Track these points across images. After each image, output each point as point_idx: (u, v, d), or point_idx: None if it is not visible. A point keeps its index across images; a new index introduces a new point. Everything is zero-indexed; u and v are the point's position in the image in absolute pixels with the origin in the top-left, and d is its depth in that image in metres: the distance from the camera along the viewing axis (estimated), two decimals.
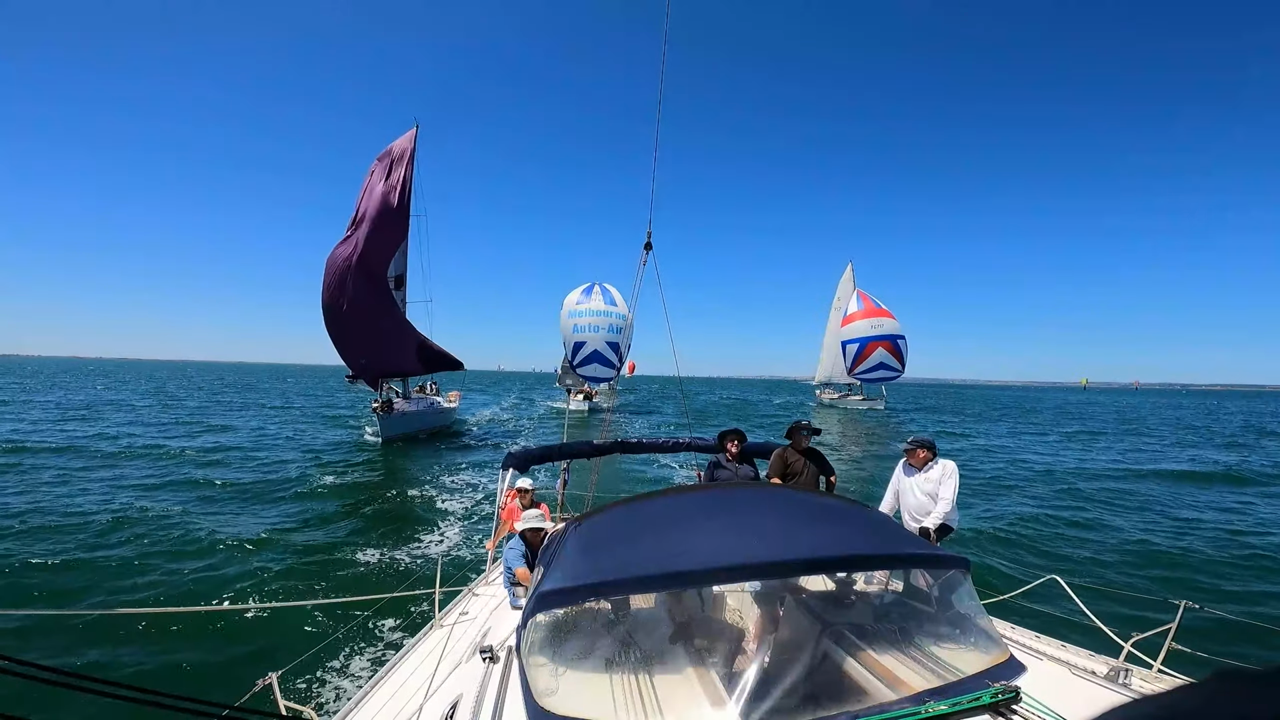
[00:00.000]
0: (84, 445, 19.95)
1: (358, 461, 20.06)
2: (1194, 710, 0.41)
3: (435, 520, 12.13)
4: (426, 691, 2.69)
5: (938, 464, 5.00)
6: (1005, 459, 22.28)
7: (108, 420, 28.28)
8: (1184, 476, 18.53)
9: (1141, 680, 2.58)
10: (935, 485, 4.92)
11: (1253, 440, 31.08)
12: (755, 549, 2.52)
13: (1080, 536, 11.25)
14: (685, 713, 2.14)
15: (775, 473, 5.58)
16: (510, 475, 6.19)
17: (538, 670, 2.39)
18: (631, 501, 3.41)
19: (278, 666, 3.07)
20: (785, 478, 5.52)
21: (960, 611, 2.69)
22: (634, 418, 40.60)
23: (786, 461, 5.59)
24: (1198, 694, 0.43)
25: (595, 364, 30.34)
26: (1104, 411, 61.67)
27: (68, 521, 10.69)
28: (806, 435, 5.66)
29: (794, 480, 5.50)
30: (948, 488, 4.86)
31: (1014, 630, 3.27)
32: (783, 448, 5.75)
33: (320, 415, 36.48)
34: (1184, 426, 40.64)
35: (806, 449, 5.68)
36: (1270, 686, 0.39)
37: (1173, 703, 0.45)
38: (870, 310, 50.37)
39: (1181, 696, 0.45)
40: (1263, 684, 0.40)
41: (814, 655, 2.41)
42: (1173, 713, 0.43)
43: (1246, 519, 12.76)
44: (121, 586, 8.04)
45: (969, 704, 2.03)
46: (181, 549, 9.63)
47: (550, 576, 2.71)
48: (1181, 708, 0.43)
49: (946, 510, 4.84)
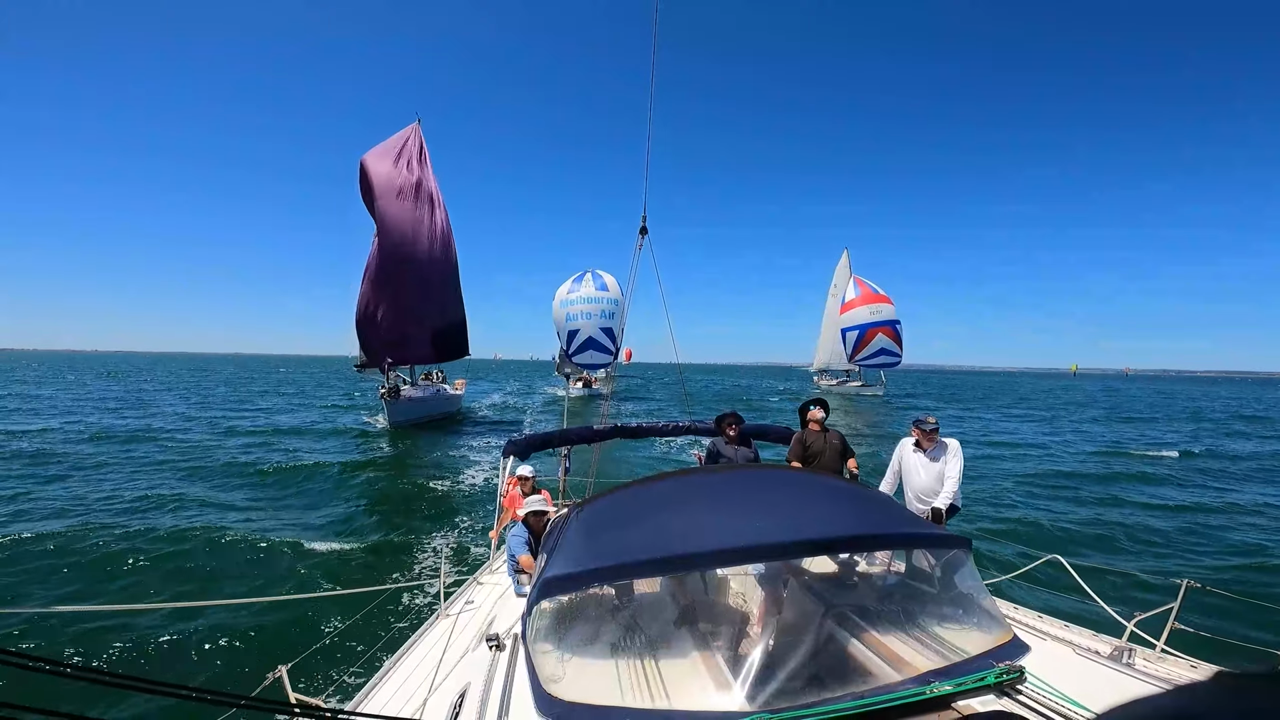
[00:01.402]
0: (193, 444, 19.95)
1: (364, 448, 20.15)
2: (1193, 711, 0.41)
3: (439, 508, 12.18)
4: (434, 681, 2.71)
5: (944, 444, 4.98)
6: (1005, 440, 22.39)
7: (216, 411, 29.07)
8: (1180, 458, 18.64)
9: (1145, 660, 2.59)
10: (942, 465, 4.89)
11: (1247, 428, 31.29)
12: (758, 531, 2.52)
13: (1082, 515, 11.33)
14: (691, 696, 2.14)
15: (795, 457, 5.46)
16: (511, 462, 6.19)
17: (544, 657, 2.39)
18: (632, 486, 3.41)
19: (286, 659, 3.08)
20: (806, 460, 5.38)
21: (963, 592, 2.70)
22: (632, 403, 40.65)
23: (806, 444, 5.46)
24: (1197, 694, 0.43)
25: (591, 350, 30.34)
26: (1103, 396, 61.83)
27: (84, 516, 10.72)
28: (818, 409, 5.56)
29: (816, 461, 5.35)
30: (954, 466, 4.85)
31: (1017, 610, 3.28)
32: (800, 431, 5.63)
33: (327, 403, 36.61)
34: (1175, 415, 40.72)
35: (824, 428, 5.56)
36: (1270, 687, 0.39)
37: (1172, 703, 0.44)
38: (868, 296, 50.54)
39: (1181, 697, 0.45)
40: (1262, 684, 0.39)
41: (818, 637, 2.42)
42: (1172, 713, 0.43)
43: (1238, 499, 12.87)
44: (127, 579, 8.09)
45: (974, 684, 2.03)
46: (183, 542, 9.68)
47: (554, 562, 2.72)
48: (1181, 708, 0.42)
49: (954, 489, 4.82)
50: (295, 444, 20.48)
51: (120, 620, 6.58)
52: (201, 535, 9.94)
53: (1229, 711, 0.38)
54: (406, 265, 25.44)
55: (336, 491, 13.69)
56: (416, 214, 25.59)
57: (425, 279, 26.10)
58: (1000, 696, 2.04)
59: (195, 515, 11.17)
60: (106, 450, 18.13)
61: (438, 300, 27.02)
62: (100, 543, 9.37)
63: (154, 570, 8.43)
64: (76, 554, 8.87)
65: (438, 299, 27.02)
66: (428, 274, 26.17)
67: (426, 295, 26.38)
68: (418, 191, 25.94)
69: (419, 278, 25.82)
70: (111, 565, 8.52)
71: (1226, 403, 54.31)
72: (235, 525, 10.54)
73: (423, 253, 25.81)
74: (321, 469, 16.00)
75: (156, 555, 8.91)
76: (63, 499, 12.11)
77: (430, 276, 26.27)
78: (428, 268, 26.16)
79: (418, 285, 25.84)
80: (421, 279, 25.92)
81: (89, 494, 12.58)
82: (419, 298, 26.02)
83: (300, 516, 11.49)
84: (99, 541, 9.43)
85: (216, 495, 12.98)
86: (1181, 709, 0.42)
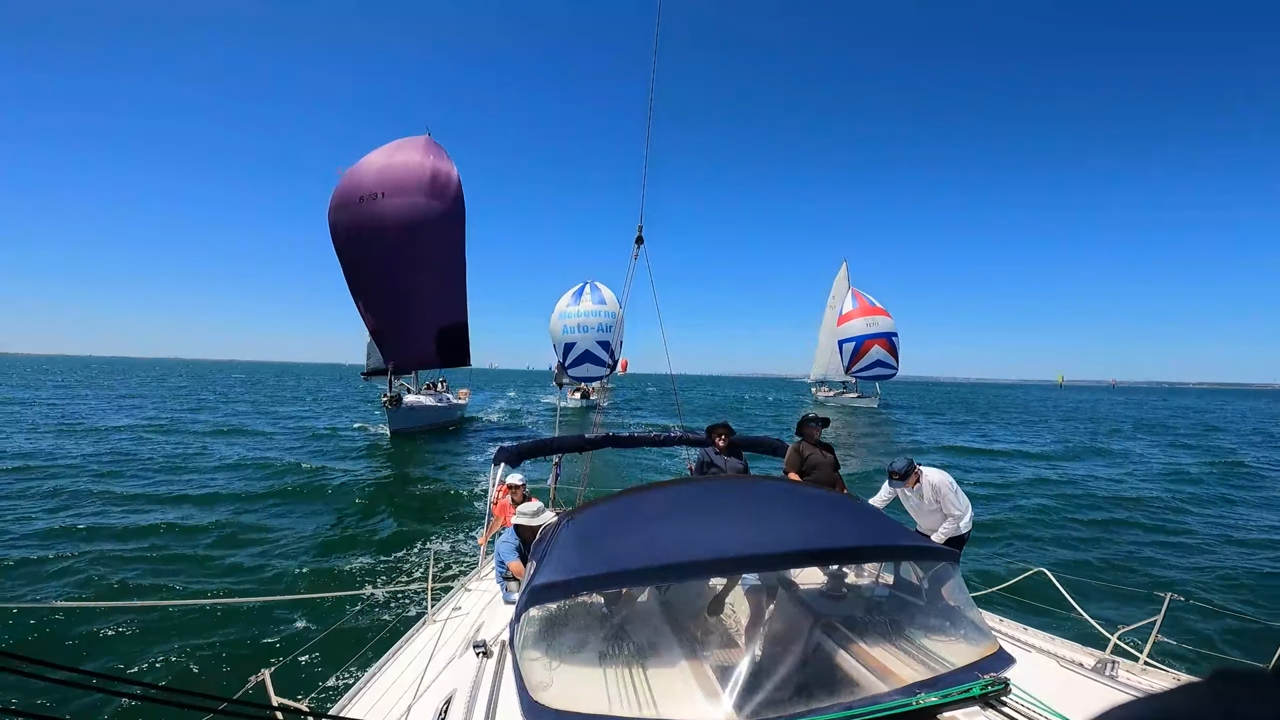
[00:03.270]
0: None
1: (362, 454, 20.09)
2: (1193, 711, 0.41)
3: (430, 514, 12.12)
4: (419, 687, 2.69)
5: (925, 480, 4.82)
6: (1002, 454, 22.43)
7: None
8: (1170, 473, 18.69)
9: (1128, 673, 2.60)
10: (935, 502, 4.78)
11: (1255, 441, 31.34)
12: (748, 542, 2.52)
13: (1070, 531, 11.33)
14: (679, 705, 2.14)
15: (793, 468, 5.45)
16: (501, 470, 6.18)
17: (531, 664, 2.38)
18: (623, 495, 3.41)
19: (270, 662, 3.05)
20: (804, 473, 5.38)
21: (950, 604, 2.71)
22: (626, 413, 40.63)
23: (803, 456, 5.46)
24: (1196, 694, 0.43)
25: (587, 364, 30.44)
26: (1101, 411, 62.04)
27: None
28: (818, 427, 5.56)
29: (813, 474, 5.34)
30: (949, 503, 4.72)
31: (1003, 623, 3.29)
32: (797, 443, 5.63)
33: (330, 409, 36.60)
34: (1159, 426, 40.85)
35: (820, 442, 5.56)
36: (1269, 687, 0.39)
37: (1172, 703, 0.44)
38: (865, 309, 50.98)
39: (1180, 697, 0.44)
40: (1262, 685, 0.40)
41: (806, 647, 2.42)
42: (1172, 713, 0.43)
43: (1233, 513, 12.91)
44: (109, 577, 8.01)
45: (959, 695, 2.04)
46: (173, 540, 9.63)
47: (543, 570, 2.70)
48: (1180, 708, 0.42)
49: (952, 528, 4.70)
50: (293, 446, 20.42)
51: (97, 619, 6.49)
52: (187, 535, 9.90)
53: (1227, 712, 0.39)
54: (371, 267, 24.21)
55: (329, 496, 13.63)
56: (380, 214, 23.88)
57: (401, 281, 24.43)
58: (985, 708, 2.04)
59: (183, 515, 11.11)
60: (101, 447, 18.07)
61: (432, 300, 25.38)
62: (85, 537, 9.32)
63: (133, 569, 8.35)
64: (59, 549, 8.81)
65: (432, 299, 25.38)
66: (409, 274, 24.35)
67: (416, 297, 24.94)
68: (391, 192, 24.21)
69: (398, 280, 24.35)
70: (92, 562, 8.45)
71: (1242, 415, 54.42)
72: (222, 526, 10.48)
73: (393, 253, 23.93)
74: (317, 473, 15.94)
75: (137, 555, 8.85)
76: (49, 490, 12.09)
77: (417, 276, 24.42)
78: (403, 267, 24.28)
79: (399, 289, 24.54)
80: (394, 282, 24.38)
81: (84, 489, 12.54)
82: (408, 301, 24.83)
83: (289, 519, 11.42)
84: (84, 538, 9.38)
85: (205, 495, 12.90)
86: (1181, 709, 0.42)
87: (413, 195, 24.07)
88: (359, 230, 24.04)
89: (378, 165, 24.72)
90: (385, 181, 24.23)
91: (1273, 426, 39.78)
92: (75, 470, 15.08)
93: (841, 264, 64.27)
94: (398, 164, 24.70)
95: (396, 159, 24.95)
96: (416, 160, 24.82)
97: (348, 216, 24.30)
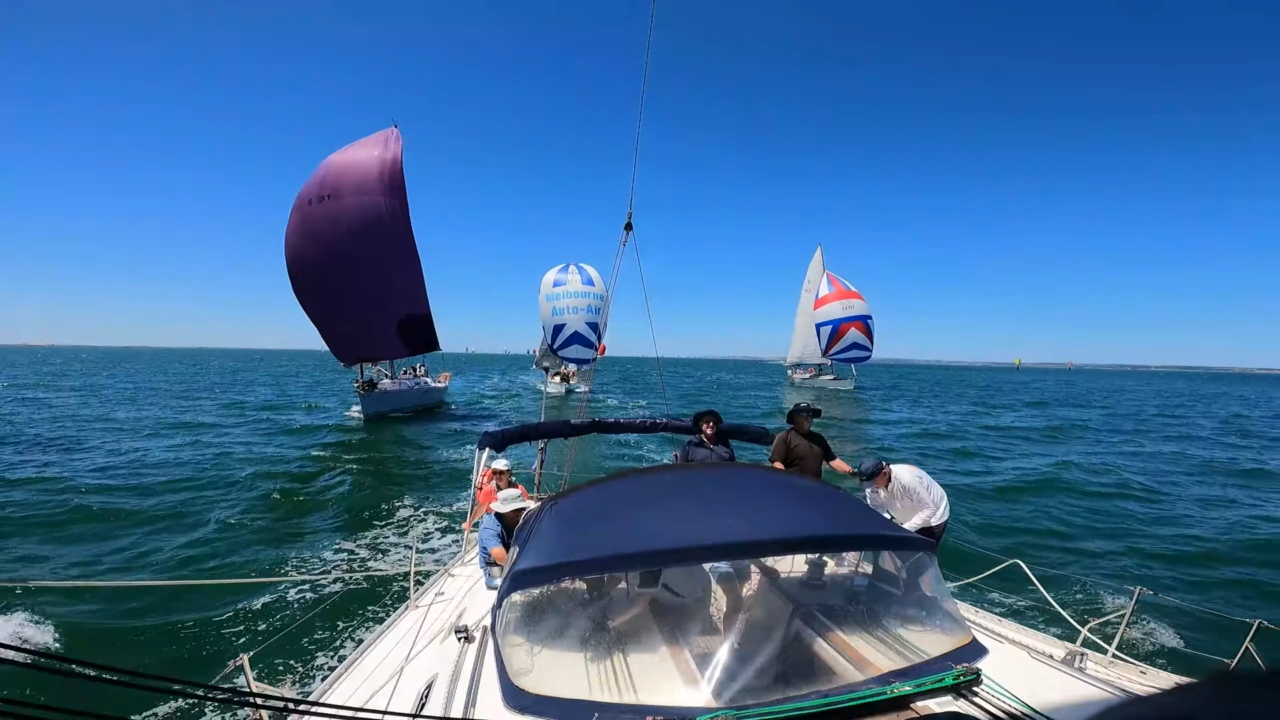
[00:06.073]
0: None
1: (337, 440, 19.82)
2: (1190, 712, 0.41)
3: (411, 499, 12.00)
4: (401, 671, 2.69)
5: (896, 480, 4.84)
6: (972, 437, 22.90)
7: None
8: (1145, 457, 19.15)
9: (1096, 665, 2.69)
10: (912, 498, 4.82)
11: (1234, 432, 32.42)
12: (729, 529, 2.54)
13: (1045, 521, 11.39)
14: (659, 691, 2.17)
15: (778, 457, 5.46)
16: (486, 455, 6.13)
17: (513, 649, 2.40)
18: (607, 481, 3.42)
19: (249, 646, 3.02)
20: (789, 463, 5.39)
21: (926, 594, 2.77)
22: (610, 398, 40.61)
23: (790, 445, 5.46)
24: (1194, 695, 0.43)
25: (576, 345, 30.20)
26: (1063, 392, 63.61)
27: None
28: (808, 418, 5.57)
29: (798, 464, 5.36)
30: (920, 500, 4.76)
31: (977, 614, 3.38)
32: (785, 432, 5.65)
33: (305, 395, 36.02)
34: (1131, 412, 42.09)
35: (809, 432, 5.57)
36: (1266, 689, 0.39)
37: (1169, 704, 0.44)
38: (841, 292, 51.59)
39: (1178, 698, 0.44)
40: (1258, 686, 0.40)
41: (785, 635, 2.47)
42: (1169, 714, 0.43)
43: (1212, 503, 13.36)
44: (87, 559, 7.85)
45: (932, 685, 2.09)
46: (148, 523, 9.45)
47: (526, 556, 2.71)
48: (1178, 709, 0.42)
49: (926, 515, 4.75)
50: (267, 432, 20.08)
51: (68, 599, 6.36)
52: (159, 517, 9.73)
53: (1225, 714, 0.39)
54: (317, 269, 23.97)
55: (306, 480, 13.44)
56: (326, 215, 23.76)
57: (353, 280, 24.14)
58: (957, 698, 2.09)
59: (159, 499, 10.91)
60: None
61: (386, 292, 25.10)
62: (57, 516, 9.10)
63: (106, 549, 8.20)
64: (26, 523, 8.59)
65: (385, 291, 25.04)
66: (366, 268, 24.10)
67: (370, 291, 24.60)
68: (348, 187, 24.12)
69: (349, 279, 24.09)
70: (67, 540, 8.27)
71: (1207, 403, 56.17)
72: (197, 509, 10.30)
73: (346, 248, 23.73)
74: (292, 459, 15.72)
75: (110, 537, 8.68)
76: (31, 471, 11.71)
77: (369, 271, 24.14)
78: (362, 262, 24.06)
79: (356, 284, 24.22)
80: (346, 281, 24.11)
81: (60, 467, 12.18)
82: (362, 296, 24.50)
83: (265, 504, 11.25)
84: (56, 513, 9.17)
85: (182, 479, 12.69)
86: (1182, 709, 0.42)
87: (357, 194, 23.98)
88: (307, 233, 23.92)
89: (327, 165, 24.73)
90: (328, 183, 24.16)
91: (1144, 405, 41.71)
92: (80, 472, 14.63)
93: (817, 248, 64.62)
94: (344, 162, 24.70)
95: (345, 158, 24.88)
96: (364, 156, 24.73)
97: (297, 220, 24.20)
